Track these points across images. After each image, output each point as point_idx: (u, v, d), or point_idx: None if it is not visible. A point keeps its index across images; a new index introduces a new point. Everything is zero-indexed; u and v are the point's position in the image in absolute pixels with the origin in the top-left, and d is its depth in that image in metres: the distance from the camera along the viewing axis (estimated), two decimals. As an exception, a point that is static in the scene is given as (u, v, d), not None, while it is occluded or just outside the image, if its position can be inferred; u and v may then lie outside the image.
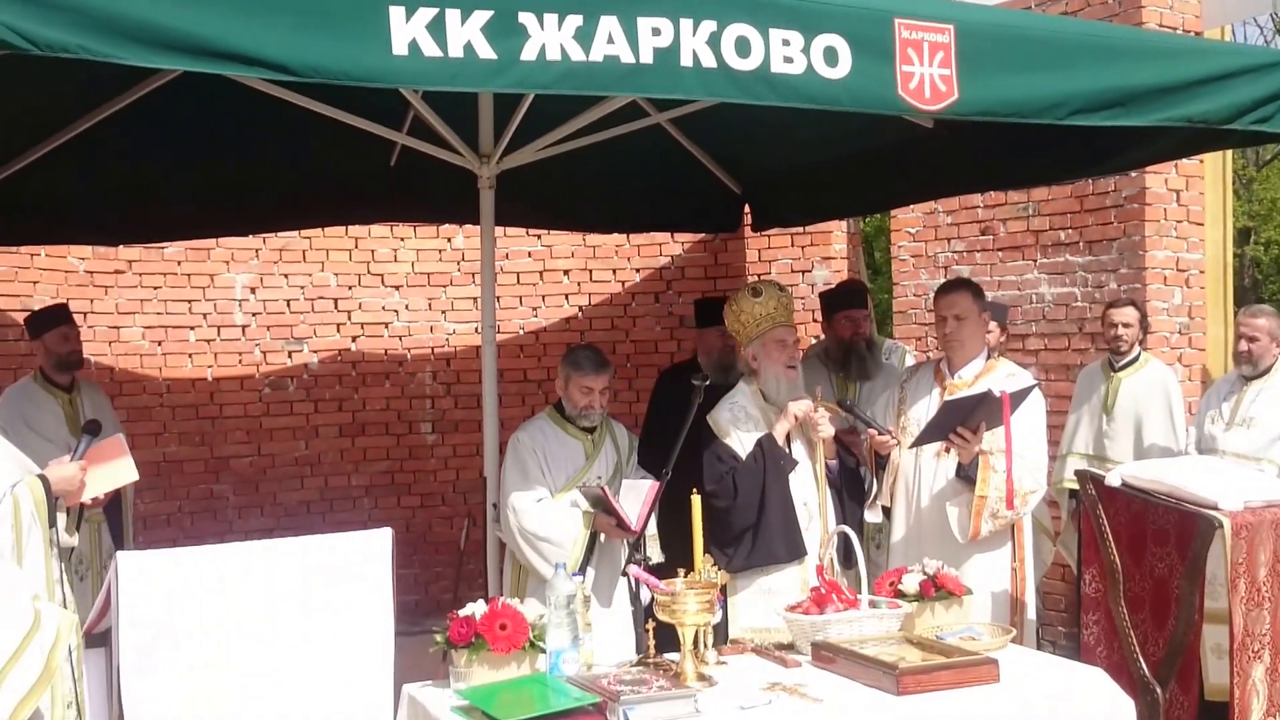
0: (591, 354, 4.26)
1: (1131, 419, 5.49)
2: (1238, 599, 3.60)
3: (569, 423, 4.24)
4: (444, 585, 7.00)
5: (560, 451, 4.19)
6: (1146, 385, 5.50)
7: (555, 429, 4.24)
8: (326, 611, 2.75)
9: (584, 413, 4.19)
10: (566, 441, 4.22)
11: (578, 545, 4.03)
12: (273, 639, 2.71)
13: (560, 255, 7.31)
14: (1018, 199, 6.68)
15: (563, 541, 4.03)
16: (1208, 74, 3.43)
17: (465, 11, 2.61)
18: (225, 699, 2.64)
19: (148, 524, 6.42)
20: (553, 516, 4.08)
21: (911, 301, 7.35)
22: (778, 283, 4.30)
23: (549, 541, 4.04)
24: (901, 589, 3.54)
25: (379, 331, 7.18)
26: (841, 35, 2.92)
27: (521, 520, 4.08)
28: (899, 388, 4.41)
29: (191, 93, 4.26)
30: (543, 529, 4.06)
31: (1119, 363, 5.56)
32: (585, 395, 4.17)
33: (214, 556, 2.69)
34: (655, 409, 5.50)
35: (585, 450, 4.23)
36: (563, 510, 4.09)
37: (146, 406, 6.69)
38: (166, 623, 2.60)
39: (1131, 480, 3.91)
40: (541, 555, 4.05)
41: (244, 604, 2.68)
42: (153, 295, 6.75)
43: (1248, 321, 5.10)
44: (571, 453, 4.21)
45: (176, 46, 2.44)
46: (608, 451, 4.28)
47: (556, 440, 4.22)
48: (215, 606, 2.65)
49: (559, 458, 4.18)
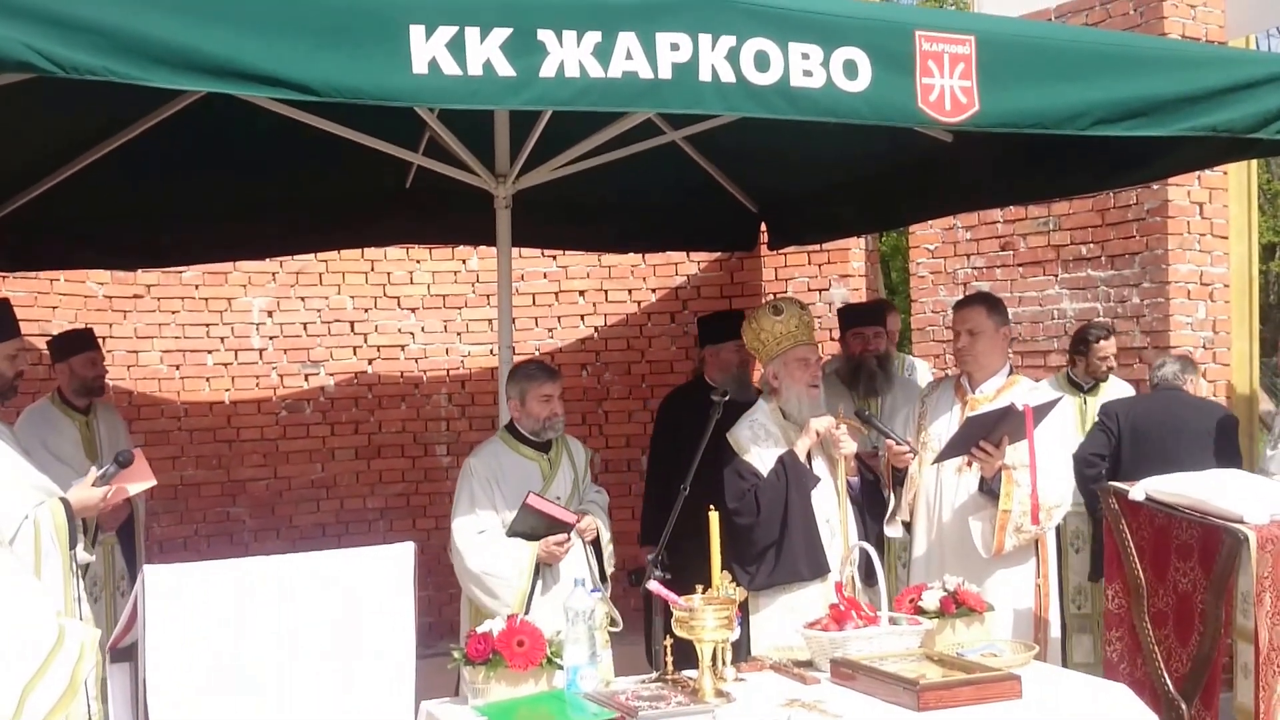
0: (538, 364, 4.28)
1: None
2: (1263, 613, 3.55)
3: (523, 444, 4.17)
4: (458, 608, 6.93)
5: (516, 475, 4.10)
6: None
7: (509, 452, 4.16)
8: (349, 625, 2.75)
9: (548, 424, 4.12)
10: (522, 464, 4.14)
11: (524, 576, 3.96)
12: (296, 652, 2.71)
13: (576, 276, 7.31)
14: (1038, 213, 6.66)
15: (507, 574, 3.96)
16: (1232, 83, 3.40)
17: (484, 30, 2.64)
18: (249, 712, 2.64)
19: (163, 548, 6.43)
20: (495, 551, 3.99)
21: (930, 319, 7.32)
22: (799, 301, 4.27)
23: (493, 575, 3.97)
24: (922, 606, 3.51)
25: (395, 354, 7.19)
26: (861, 48, 2.93)
27: (465, 560, 4.01)
28: (919, 402, 4.38)
29: (208, 117, 4.30)
30: (486, 564, 3.98)
31: (1087, 384, 5.53)
32: (546, 404, 4.10)
33: (239, 570, 2.71)
34: (664, 431, 5.43)
35: (542, 470, 4.16)
36: (506, 543, 4.01)
37: (164, 430, 6.71)
38: (192, 636, 2.61)
39: (1155, 494, 3.87)
40: (488, 591, 3.98)
41: (268, 618, 2.69)
42: (171, 319, 6.78)
43: None
44: (528, 475, 4.12)
45: (199, 68, 2.47)
46: (564, 470, 4.22)
47: (512, 464, 4.13)
48: (240, 620, 2.66)
49: (515, 482, 4.07)
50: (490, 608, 3.95)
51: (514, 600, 3.94)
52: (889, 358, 5.39)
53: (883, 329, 5.38)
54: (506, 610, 3.88)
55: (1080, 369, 5.56)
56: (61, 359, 5.26)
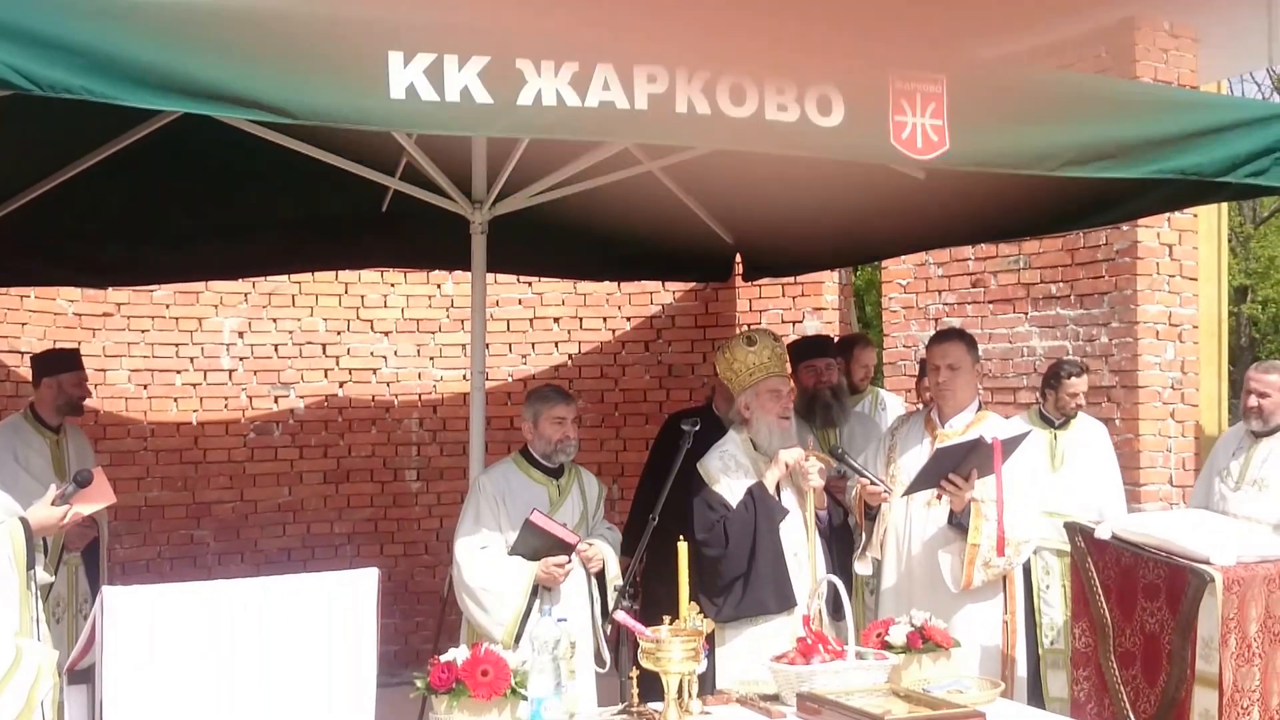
0: (553, 387, 4.29)
1: (1079, 474, 5.47)
2: (1228, 654, 3.58)
3: (535, 468, 4.16)
4: (425, 635, 6.90)
5: (525, 497, 4.08)
6: (1088, 440, 5.52)
7: (520, 475, 4.15)
8: (310, 651, 2.72)
9: (560, 446, 4.11)
10: (531, 487, 4.13)
11: (520, 594, 3.92)
12: (256, 677, 2.68)
13: (551, 303, 7.32)
14: (1009, 251, 6.72)
15: (503, 590, 3.92)
16: (1201, 126, 3.45)
17: (463, 57, 2.66)
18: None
19: (126, 569, 6.35)
20: (494, 566, 3.96)
21: (901, 353, 7.36)
22: (772, 332, 4.29)
23: (490, 591, 3.93)
24: (889, 640, 3.50)
25: (367, 377, 7.15)
26: (835, 84, 2.95)
27: (463, 573, 3.98)
28: (889, 435, 4.40)
29: (184, 137, 4.28)
30: (484, 579, 3.94)
31: (1057, 419, 5.58)
32: (559, 427, 4.10)
33: (200, 594, 2.68)
34: (659, 448, 5.38)
35: (550, 495, 4.14)
36: (506, 560, 3.98)
37: (130, 451, 6.64)
38: (150, 660, 2.58)
39: (1122, 534, 3.90)
40: (481, 606, 3.93)
41: (228, 642, 2.66)
42: (140, 338, 6.72)
43: (1259, 377, 4.97)
44: (536, 498, 4.10)
45: (177, 89, 2.47)
46: (574, 499, 4.21)
47: (522, 485, 4.12)
48: (199, 644, 2.62)
49: (522, 503, 4.05)
50: (483, 624, 3.92)
51: (508, 618, 3.89)
52: (842, 389, 5.40)
53: (834, 360, 5.40)
54: (500, 629, 3.85)
55: (1050, 404, 5.60)
56: (50, 374, 5.20)
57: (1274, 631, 3.68)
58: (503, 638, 3.82)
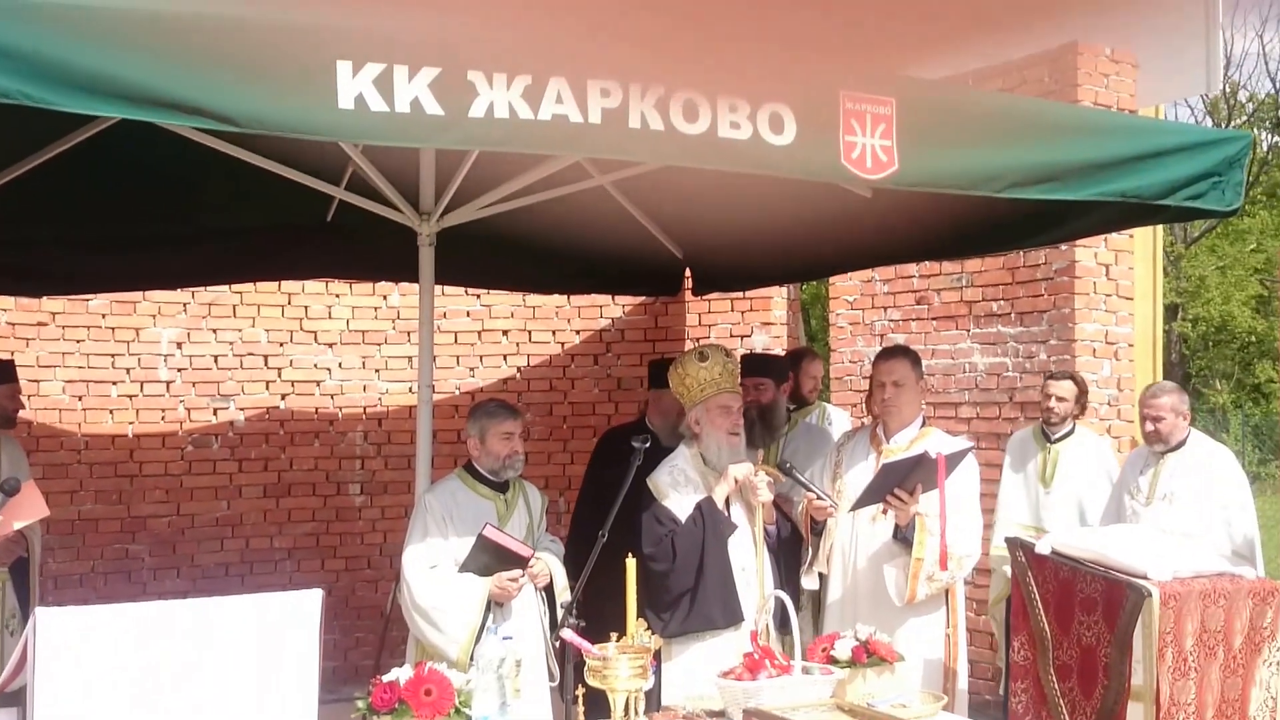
0: (499, 402, 4.25)
1: (1070, 490, 5.55)
2: (1165, 668, 3.64)
3: (481, 483, 4.12)
4: (365, 651, 6.81)
5: (472, 513, 4.04)
6: (1083, 457, 5.59)
7: (467, 490, 4.11)
8: (250, 674, 2.66)
9: (508, 462, 4.08)
10: (479, 502, 4.09)
11: (474, 612, 3.86)
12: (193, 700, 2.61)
13: (499, 315, 7.28)
14: (952, 270, 6.82)
15: (457, 608, 3.87)
16: (1143, 151, 3.53)
17: (413, 68, 2.62)
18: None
19: (58, 584, 6.21)
20: (446, 584, 3.91)
21: (848, 368, 7.43)
22: (725, 348, 4.29)
23: (441, 610, 3.87)
24: (834, 655, 3.52)
25: (310, 390, 7.05)
26: (787, 104, 2.97)
27: (414, 594, 3.92)
28: (835, 450, 4.43)
29: (121, 143, 4.18)
30: (436, 598, 3.89)
31: (1054, 434, 5.63)
32: (506, 442, 4.06)
33: (137, 615, 2.61)
34: (597, 468, 5.40)
35: (498, 510, 4.11)
36: (457, 577, 3.93)
37: (63, 463, 6.48)
38: (84, 682, 2.51)
39: (1061, 548, 3.95)
40: (435, 625, 3.87)
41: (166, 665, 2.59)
42: (75, 349, 6.57)
43: (1150, 403, 5.09)
44: (483, 514, 4.05)
45: (119, 95, 2.41)
46: (521, 512, 4.17)
47: (469, 501, 4.08)
48: (136, 667, 2.55)
49: (470, 520, 4.01)
50: (435, 643, 3.86)
51: (464, 637, 3.83)
52: (772, 409, 5.40)
53: (765, 380, 5.40)
54: (455, 647, 3.80)
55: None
56: None
57: (1209, 646, 3.75)
58: (458, 656, 3.77)
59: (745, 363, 5.49)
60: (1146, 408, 5.10)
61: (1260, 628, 3.80)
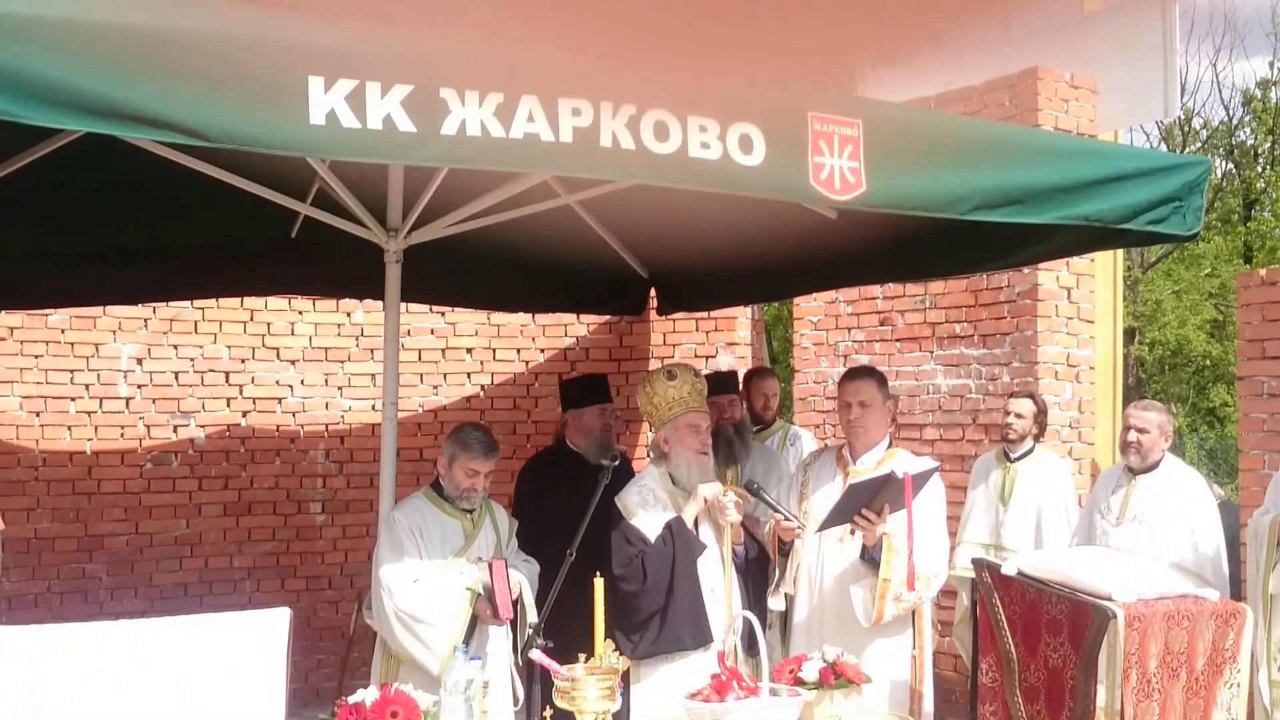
0: (483, 435, 4.09)
1: (1028, 509, 5.60)
2: (1129, 689, 3.66)
3: (446, 501, 4.08)
4: (327, 673, 6.73)
5: (438, 531, 4.01)
6: (1041, 476, 5.63)
7: (434, 509, 4.06)
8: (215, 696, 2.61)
9: (464, 495, 4.05)
10: (445, 521, 4.05)
11: (458, 626, 3.83)
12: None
13: (464, 333, 7.24)
14: (915, 291, 6.87)
15: (440, 622, 3.83)
16: (1105, 175, 3.57)
17: (385, 85, 2.61)
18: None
19: (13, 604, 6.09)
20: (430, 596, 3.88)
21: (812, 389, 7.46)
22: (693, 368, 4.29)
23: (425, 623, 3.84)
24: (802, 677, 3.51)
25: (271, 407, 6.98)
26: (756, 124, 2.99)
27: (396, 600, 3.86)
28: (802, 471, 4.44)
29: (83, 156, 4.12)
30: (419, 609, 3.85)
31: (1014, 453, 5.67)
32: (469, 478, 4.03)
33: (93, 635, 2.55)
34: (528, 496, 5.23)
35: (464, 530, 4.07)
36: (441, 591, 3.90)
37: (19, 480, 6.36)
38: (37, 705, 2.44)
39: (1027, 570, 3.97)
40: (417, 638, 3.84)
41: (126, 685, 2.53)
42: (33, 364, 6.46)
43: (1138, 414, 5.11)
44: (449, 533, 4.03)
45: (86, 108, 2.38)
46: (487, 532, 4.14)
47: (434, 520, 4.04)
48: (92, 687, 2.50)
49: (436, 538, 3.98)
50: (412, 653, 3.83)
51: (444, 646, 3.79)
52: (746, 426, 5.43)
53: (737, 396, 5.44)
54: (437, 663, 3.76)
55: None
56: None
57: (1172, 667, 3.78)
58: (438, 670, 3.73)
59: (715, 380, 5.51)
60: (1133, 418, 5.09)
61: (1222, 649, 3.83)
